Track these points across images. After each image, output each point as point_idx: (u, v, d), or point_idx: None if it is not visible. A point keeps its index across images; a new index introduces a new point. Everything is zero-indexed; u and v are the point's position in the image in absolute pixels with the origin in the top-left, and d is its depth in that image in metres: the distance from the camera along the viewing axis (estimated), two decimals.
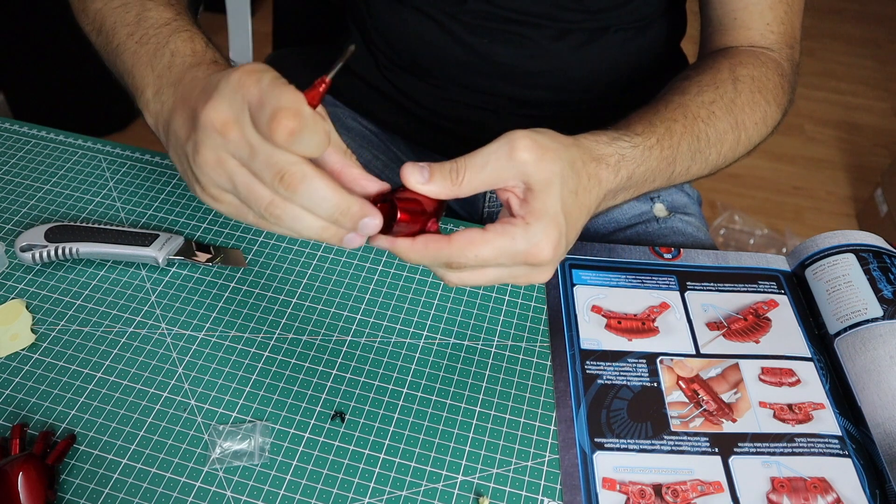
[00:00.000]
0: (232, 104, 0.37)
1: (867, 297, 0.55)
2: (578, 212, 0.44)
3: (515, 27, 0.68)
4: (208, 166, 0.38)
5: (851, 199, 1.90)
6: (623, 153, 0.48)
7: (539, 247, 0.41)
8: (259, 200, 0.38)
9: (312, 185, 0.37)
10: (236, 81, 0.37)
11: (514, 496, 0.47)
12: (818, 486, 0.47)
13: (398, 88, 0.76)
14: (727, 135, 0.56)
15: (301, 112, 0.35)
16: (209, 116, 0.37)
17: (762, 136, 0.60)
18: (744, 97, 0.57)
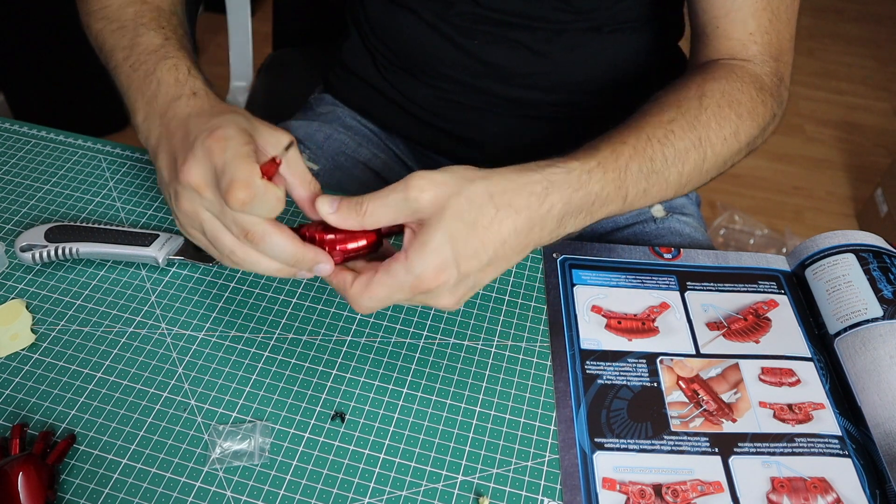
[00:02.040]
0: (204, 168, 0.44)
1: (867, 297, 0.55)
2: (480, 242, 0.44)
3: (506, 30, 0.68)
4: (185, 214, 0.46)
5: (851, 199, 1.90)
6: (552, 179, 0.47)
7: (421, 277, 0.43)
8: (223, 247, 0.46)
9: (272, 240, 0.45)
10: (207, 148, 0.44)
11: (514, 496, 0.47)
12: (818, 486, 0.47)
13: (396, 88, 0.76)
14: (689, 153, 0.53)
15: (252, 184, 0.42)
16: (186, 177, 0.44)
17: (733, 151, 0.57)
18: (709, 112, 0.55)
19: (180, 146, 0.47)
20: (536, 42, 0.68)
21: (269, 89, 1.02)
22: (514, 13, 0.67)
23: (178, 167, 0.45)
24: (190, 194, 0.45)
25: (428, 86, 0.74)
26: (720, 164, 0.57)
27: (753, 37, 0.62)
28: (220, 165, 0.43)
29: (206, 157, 0.44)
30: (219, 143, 0.44)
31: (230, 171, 0.43)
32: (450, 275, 0.44)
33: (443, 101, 0.74)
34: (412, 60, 0.74)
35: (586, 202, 0.49)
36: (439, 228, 0.43)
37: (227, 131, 0.45)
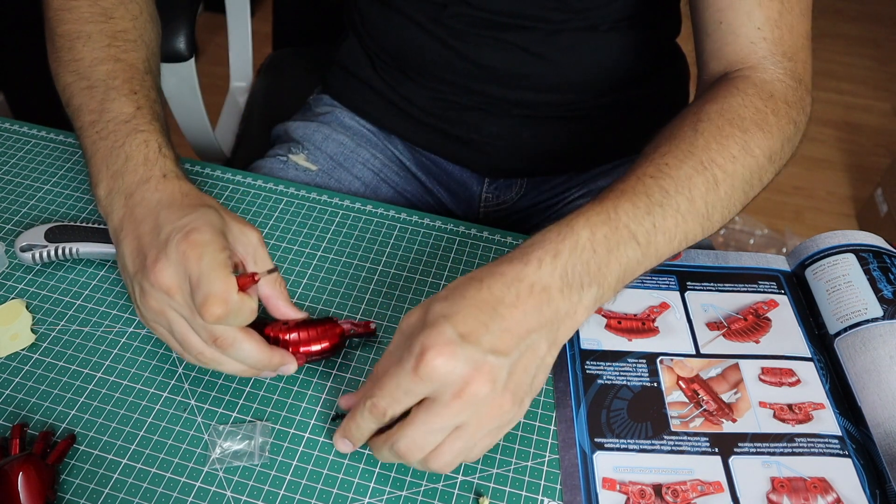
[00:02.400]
0: (177, 272, 0.44)
1: (867, 297, 0.55)
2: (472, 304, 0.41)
3: (500, 32, 0.68)
4: (152, 311, 0.46)
5: (851, 198, 1.90)
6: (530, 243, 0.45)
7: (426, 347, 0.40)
8: (191, 348, 0.46)
9: (241, 346, 0.46)
10: (182, 252, 0.44)
11: (514, 496, 0.47)
12: (818, 486, 0.47)
13: (393, 89, 0.76)
14: (693, 178, 0.49)
15: (228, 300, 0.43)
16: (158, 279, 0.44)
17: (752, 167, 0.52)
18: (707, 135, 0.51)
19: (150, 241, 0.46)
20: (531, 43, 0.68)
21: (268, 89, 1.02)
22: (508, 14, 0.66)
23: (148, 265, 0.45)
24: (160, 296, 0.45)
25: (424, 87, 0.74)
26: (742, 183, 0.51)
27: (762, 32, 0.56)
28: (196, 275, 0.43)
29: (180, 262, 0.44)
30: (194, 250, 0.44)
31: (206, 284, 0.43)
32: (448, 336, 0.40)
33: (440, 103, 0.74)
34: (407, 63, 0.74)
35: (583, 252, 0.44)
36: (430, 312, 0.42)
37: (203, 236, 0.45)
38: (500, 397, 0.41)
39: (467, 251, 0.62)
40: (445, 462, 0.42)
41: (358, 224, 0.63)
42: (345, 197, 0.66)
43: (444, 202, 0.81)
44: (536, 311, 0.42)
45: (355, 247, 0.61)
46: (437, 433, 0.41)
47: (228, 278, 0.44)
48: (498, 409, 0.41)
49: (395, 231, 0.63)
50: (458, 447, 0.42)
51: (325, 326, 0.51)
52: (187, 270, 0.44)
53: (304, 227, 0.63)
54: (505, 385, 0.41)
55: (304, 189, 0.66)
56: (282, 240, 0.61)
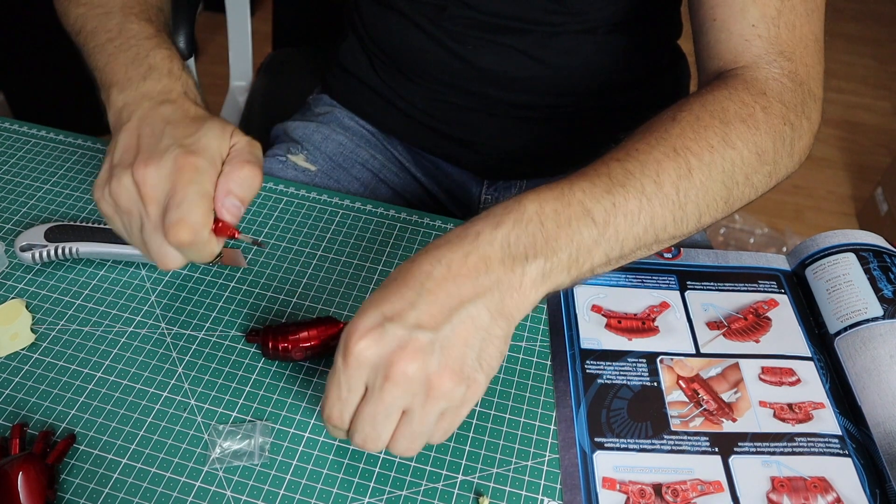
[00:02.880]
0: (162, 184, 0.44)
1: (867, 296, 0.55)
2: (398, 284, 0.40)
3: (499, 34, 0.67)
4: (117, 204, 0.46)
5: (852, 198, 1.90)
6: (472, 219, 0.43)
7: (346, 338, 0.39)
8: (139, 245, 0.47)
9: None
10: (177, 168, 0.44)
11: (514, 496, 0.47)
12: (818, 485, 0.47)
13: (392, 90, 0.76)
14: (664, 163, 0.46)
15: (198, 233, 0.44)
16: (143, 179, 0.44)
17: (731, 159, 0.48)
18: (683, 123, 0.49)
19: (147, 144, 0.46)
20: (530, 46, 0.68)
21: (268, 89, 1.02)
22: (507, 17, 0.66)
23: (137, 163, 0.45)
24: (133, 195, 0.45)
25: (423, 88, 0.74)
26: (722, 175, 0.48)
27: (756, 29, 0.54)
28: (179, 196, 0.44)
29: (171, 174, 0.44)
30: (189, 173, 0.44)
31: (186, 208, 0.44)
32: (370, 321, 0.39)
33: (438, 104, 0.74)
34: (407, 64, 0.74)
35: (528, 225, 0.42)
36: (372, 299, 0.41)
37: (202, 162, 0.45)
38: (436, 376, 0.39)
39: None
40: (404, 447, 0.41)
41: (357, 224, 0.63)
42: (344, 196, 0.66)
43: (442, 204, 0.81)
44: (471, 280, 0.40)
45: (355, 246, 0.61)
46: (384, 421, 0.40)
47: (208, 213, 0.45)
48: (438, 389, 0.39)
49: (394, 230, 0.63)
50: (410, 431, 0.40)
51: (325, 325, 0.51)
52: (174, 186, 0.44)
53: (303, 227, 0.63)
54: (440, 362, 0.39)
55: (303, 188, 0.66)
56: (281, 239, 0.61)
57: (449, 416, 0.41)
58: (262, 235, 0.61)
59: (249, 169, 0.47)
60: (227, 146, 0.48)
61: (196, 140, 0.46)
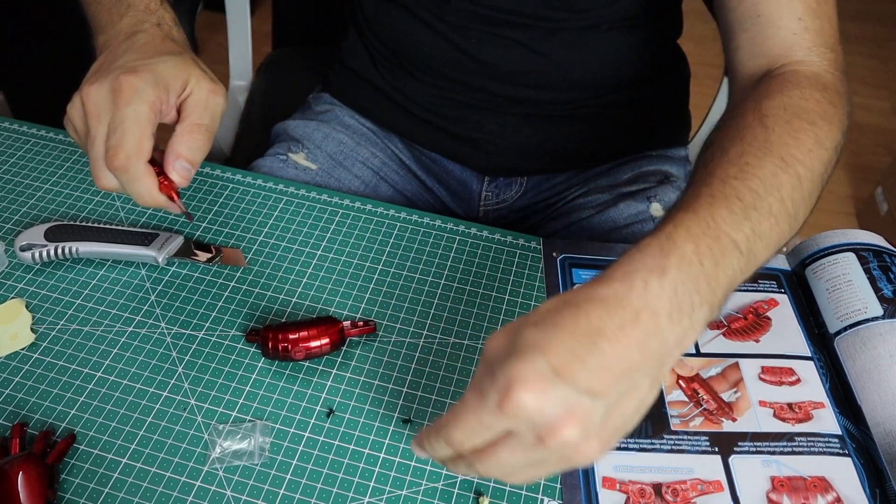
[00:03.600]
0: (101, 101, 0.47)
1: (867, 296, 0.55)
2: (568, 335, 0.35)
3: (502, 28, 0.68)
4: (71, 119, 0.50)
5: (852, 197, 1.90)
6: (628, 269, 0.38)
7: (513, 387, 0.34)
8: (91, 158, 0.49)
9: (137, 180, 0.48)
10: (117, 83, 0.46)
11: (513, 495, 0.47)
12: (818, 485, 0.47)
13: (394, 87, 0.76)
14: (779, 177, 0.45)
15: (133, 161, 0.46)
16: (86, 96, 0.48)
17: (825, 160, 0.48)
18: (779, 130, 0.47)
19: (102, 64, 0.49)
20: (533, 40, 0.68)
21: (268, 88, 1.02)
22: (510, 11, 0.66)
23: (84, 82, 0.48)
24: (79, 112, 0.48)
25: (425, 84, 0.74)
26: (817, 179, 0.48)
27: (803, 22, 0.53)
28: (117, 119, 0.46)
29: (110, 93, 0.47)
30: (125, 93, 0.46)
31: (120, 134, 0.46)
32: (540, 370, 0.34)
33: (440, 100, 0.74)
34: (409, 59, 0.74)
35: (690, 266, 0.38)
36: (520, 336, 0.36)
37: (139, 82, 0.47)
38: (586, 443, 0.35)
39: (467, 250, 0.62)
40: (521, 481, 0.39)
41: (358, 223, 0.63)
42: (344, 196, 0.66)
43: (443, 200, 0.81)
44: (642, 344, 0.36)
45: (355, 246, 0.61)
46: (513, 469, 0.37)
47: (144, 139, 0.47)
48: (581, 456, 0.36)
49: (394, 230, 0.63)
50: (534, 474, 0.38)
51: (325, 325, 0.51)
52: (114, 107, 0.46)
53: (303, 227, 0.63)
54: (597, 430, 0.36)
55: (303, 188, 0.66)
56: (281, 239, 0.61)
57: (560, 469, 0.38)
58: (262, 235, 0.61)
59: (200, 136, 0.49)
60: (181, 79, 0.49)
61: (144, 64, 0.48)
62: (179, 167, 0.49)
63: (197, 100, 0.50)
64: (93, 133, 0.47)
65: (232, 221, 0.62)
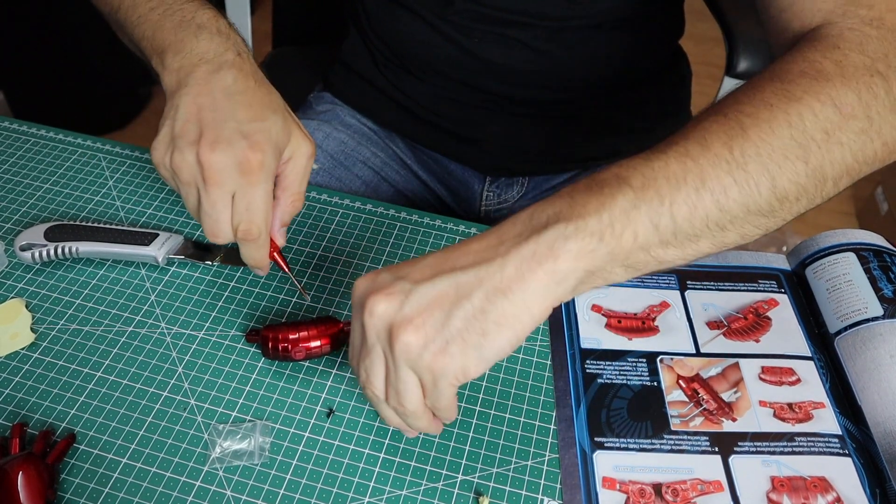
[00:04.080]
0: (225, 169, 0.47)
1: (867, 296, 0.55)
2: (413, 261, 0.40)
3: (505, 28, 0.68)
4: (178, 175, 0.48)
5: (852, 197, 1.90)
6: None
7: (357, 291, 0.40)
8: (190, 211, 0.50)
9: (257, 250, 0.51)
10: (244, 157, 0.47)
11: (513, 495, 0.47)
12: (818, 485, 0.47)
13: (395, 86, 0.76)
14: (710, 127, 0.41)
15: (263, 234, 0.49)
16: (209, 160, 0.46)
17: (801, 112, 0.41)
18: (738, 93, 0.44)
19: (211, 121, 0.47)
20: (535, 40, 0.68)
21: None
22: (513, 11, 0.66)
23: (204, 143, 0.46)
24: (195, 171, 0.47)
25: (427, 84, 0.74)
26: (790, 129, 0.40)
27: None
28: (248, 198, 0.48)
29: (237, 167, 0.47)
30: (256, 172, 0.47)
31: (254, 211, 0.48)
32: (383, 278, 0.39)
33: (442, 100, 0.74)
34: (411, 59, 0.74)
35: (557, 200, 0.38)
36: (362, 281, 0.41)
37: (266, 157, 0.47)
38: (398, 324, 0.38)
39: None
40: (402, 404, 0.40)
41: (358, 223, 0.63)
42: (345, 196, 0.66)
43: (444, 200, 0.81)
44: (475, 254, 0.38)
45: (355, 246, 0.61)
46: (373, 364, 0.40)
47: (269, 214, 0.49)
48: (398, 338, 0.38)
49: (395, 230, 0.63)
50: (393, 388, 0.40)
51: (325, 325, 0.51)
52: (241, 183, 0.47)
53: (303, 227, 0.63)
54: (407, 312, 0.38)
55: None
56: None
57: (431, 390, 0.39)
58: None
59: (299, 204, 0.52)
60: (286, 143, 0.50)
61: (260, 130, 0.48)
62: (282, 233, 0.53)
63: (298, 167, 0.51)
64: (213, 200, 0.47)
65: None
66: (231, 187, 0.47)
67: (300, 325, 0.51)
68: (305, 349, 0.50)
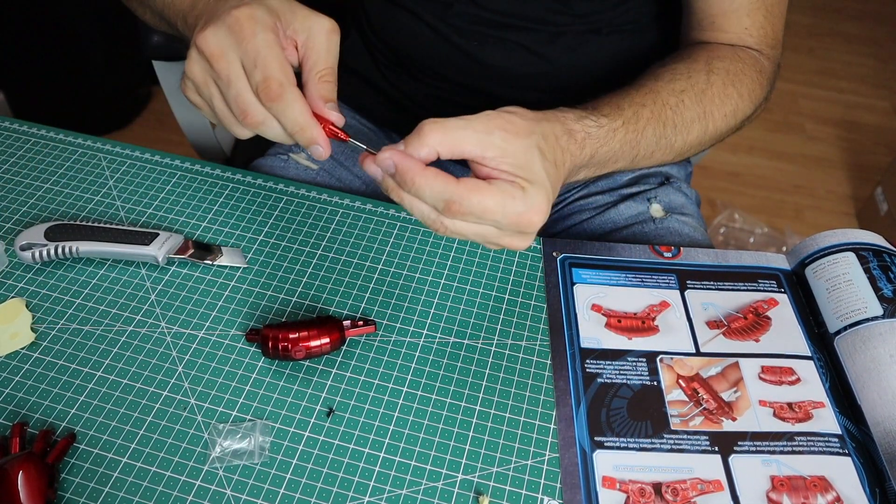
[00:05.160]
0: (222, 39, 0.45)
1: (867, 295, 0.55)
2: (556, 181, 0.47)
3: (505, 31, 0.68)
4: (195, 81, 0.47)
5: (851, 197, 1.90)
6: (588, 132, 0.51)
7: (534, 210, 0.44)
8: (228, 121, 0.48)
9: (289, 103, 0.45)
10: (234, 20, 0.45)
11: (514, 495, 0.47)
12: (818, 484, 0.47)
13: (396, 87, 0.76)
14: (694, 124, 0.57)
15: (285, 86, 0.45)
16: (202, 42, 0.45)
17: (730, 127, 0.61)
18: (715, 89, 0.59)
19: (209, 14, 0.48)
20: (535, 43, 0.68)
21: None
22: (513, 14, 0.66)
23: (197, 30, 0.46)
24: (203, 63, 0.46)
25: (427, 86, 0.74)
26: (716, 137, 0.61)
27: (749, 31, 0.65)
28: (252, 52, 0.45)
29: (230, 30, 0.45)
30: (248, 25, 0.45)
31: (262, 65, 0.45)
32: (544, 210, 0.45)
33: (442, 101, 0.74)
34: (411, 60, 0.74)
35: (607, 158, 0.52)
36: (541, 166, 0.45)
37: (257, 11, 0.46)
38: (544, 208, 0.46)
39: (467, 250, 0.62)
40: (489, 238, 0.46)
41: (358, 223, 0.63)
42: (344, 196, 0.66)
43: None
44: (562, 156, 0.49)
45: (355, 246, 0.61)
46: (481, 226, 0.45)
47: (285, 61, 0.46)
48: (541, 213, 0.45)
49: (395, 230, 0.63)
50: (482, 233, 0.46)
51: (326, 325, 0.51)
52: (238, 40, 0.45)
53: (303, 226, 0.63)
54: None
55: (304, 188, 0.66)
56: (282, 238, 0.61)
57: None
58: (262, 235, 0.61)
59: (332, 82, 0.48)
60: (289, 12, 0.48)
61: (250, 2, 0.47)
62: (332, 108, 0.48)
63: (317, 43, 0.48)
64: (224, 74, 0.45)
65: (232, 221, 0.62)
66: (233, 55, 0.45)
67: (300, 325, 0.51)
68: (305, 349, 0.50)
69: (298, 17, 0.48)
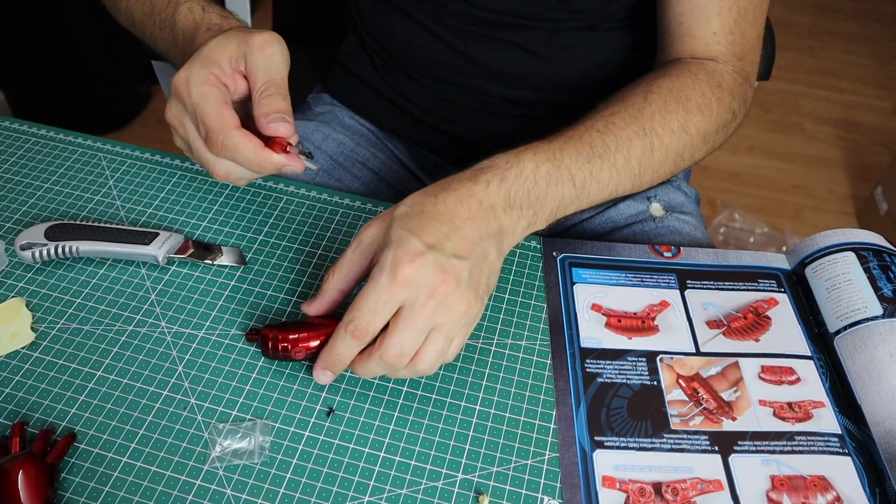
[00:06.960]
0: (175, 109, 0.52)
1: (867, 295, 0.55)
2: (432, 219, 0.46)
3: (500, 31, 0.68)
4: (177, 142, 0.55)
5: (851, 197, 1.90)
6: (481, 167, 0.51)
7: (396, 263, 0.44)
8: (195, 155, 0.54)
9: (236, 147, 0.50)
10: (175, 91, 0.51)
11: (513, 494, 0.47)
12: (818, 484, 0.47)
13: (393, 88, 0.76)
14: (634, 141, 0.55)
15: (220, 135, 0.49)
16: (167, 115, 0.53)
17: (686, 143, 0.58)
18: (654, 106, 0.57)
19: None
20: (531, 42, 0.68)
21: None
22: (508, 13, 0.66)
23: None
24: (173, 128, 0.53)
25: (424, 86, 0.74)
26: (674, 155, 0.58)
27: (717, 36, 0.62)
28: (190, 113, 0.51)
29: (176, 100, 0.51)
30: (182, 90, 0.50)
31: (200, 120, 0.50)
32: (416, 247, 0.45)
33: (439, 102, 0.74)
34: (407, 61, 0.74)
35: (525, 181, 0.50)
36: (394, 228, 0.46)
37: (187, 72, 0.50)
38: (464, 294, 0.46)
39: None
40: (429, 363, 0.46)
41: (358, 223, 0.63)
42: (344, 196, 0.66)
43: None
44: (486, 223, 0.48)
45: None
46: (418, 335, 0.45)
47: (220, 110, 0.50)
48: (465, 305, 0.46)
49: None
50: (438, 347, 0.46)
51: (325, 325, 0.51)
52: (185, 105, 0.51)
53: (303, 227, 0.63)
54: (468, 283, 0.46)
55: (303, 188, 0.66)
56: (282, 238, 0.61)
57: (463, 332, 0.47)
58: (262, 235, 0.61)
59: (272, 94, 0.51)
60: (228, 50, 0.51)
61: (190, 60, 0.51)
62: (273, 120, 0.50)
63: (253, 62, 0.51)
64: (185, 140, 0.52)
65: (232, 221, 0.62)
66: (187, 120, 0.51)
67: (300, 325, 0.51)
68: (305, 349, 0.50)
69: (231, 48, 0.51)
